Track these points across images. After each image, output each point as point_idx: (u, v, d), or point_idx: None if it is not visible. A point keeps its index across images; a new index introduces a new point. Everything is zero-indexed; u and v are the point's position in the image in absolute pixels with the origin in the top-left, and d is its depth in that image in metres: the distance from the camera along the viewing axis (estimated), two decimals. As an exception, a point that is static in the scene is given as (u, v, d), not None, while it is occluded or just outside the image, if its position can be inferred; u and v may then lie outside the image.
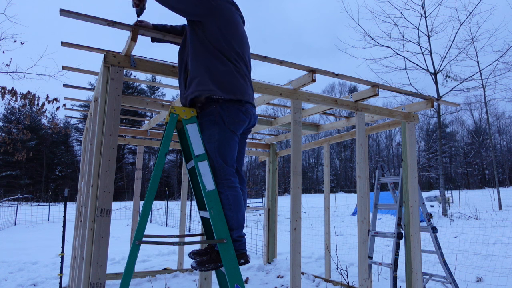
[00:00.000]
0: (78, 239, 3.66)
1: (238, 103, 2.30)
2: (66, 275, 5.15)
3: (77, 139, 47.82)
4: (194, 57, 2.33)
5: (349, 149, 54.64)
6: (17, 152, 10.02)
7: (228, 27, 2.36)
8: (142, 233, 2.01)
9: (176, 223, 15.08)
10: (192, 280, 5.53)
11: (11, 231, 13.87)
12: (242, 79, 2.35)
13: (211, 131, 2.25)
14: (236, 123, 2.29)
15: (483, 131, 44.48)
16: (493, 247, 7.38)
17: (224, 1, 2.42)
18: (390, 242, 8.32)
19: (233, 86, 2.29)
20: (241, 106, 2.31)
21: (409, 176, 4.25)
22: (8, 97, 8.33)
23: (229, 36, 2.35)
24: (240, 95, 2.30)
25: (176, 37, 2.65)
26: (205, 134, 2.27)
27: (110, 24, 2.39)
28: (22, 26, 10.25)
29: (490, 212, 14.41)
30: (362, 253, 3.66)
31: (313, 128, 5.70)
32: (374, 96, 3.72)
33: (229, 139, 2.27)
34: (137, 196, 6.18)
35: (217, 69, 2.28)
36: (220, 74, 2.28)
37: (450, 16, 20.82)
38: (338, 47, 35.88)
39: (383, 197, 7.04)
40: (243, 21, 2.60)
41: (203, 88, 2.26)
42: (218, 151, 2.23)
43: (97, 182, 2.47)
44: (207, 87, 2.25)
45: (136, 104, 4.30)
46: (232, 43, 2.35)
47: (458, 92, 16.45)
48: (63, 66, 3.41)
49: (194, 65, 2.32)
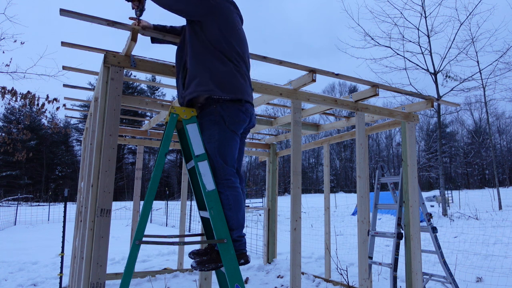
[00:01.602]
0: (78, 239, 3.66)
1: (238, 102, 2.30)
2: (66, 275, 5.15)
3: (77, 139, 47.82)
4: (194, 57, 2.33)
5: (349, 149, 54.63)
6: (17, 152, 10.02)
7: (228, 26, 2.36)
8: (142, 233, 2.01)
9: (176, 223, 15.08)
10: (192, 280, 5.53)
11: (11, 231, 13.87)
12: (242, 78, 2.35)
13: (211, 131, 2.25)
14: (236, 122, 2.29)
15: (483, 131, 44.48)
16: (493, 247, 7.38)
17: (223, 0, 2.41)
18: (390, 242, 8.32)
19: (233, 86, 2.29)
20: (241, 105, 2.31)
21: (409, 176, 4.25)
22: (8, 97, 8.33)
23: (229, 35, 2.34)
24: (240, 94, 2.30)
25: (176, 37, 2.64)
26: (205, 134, 2.27)
27: (110, 24, 2.39)
28: (22, 26, 10.26)
29: (490, 212, 14.41)
30: (362, 253, 3.66)
31: (313, 128, 5.70)
32: (374, 96, 3.72)
33: (230, 139, 2.27)
34: (137, 196, 6.18)
35: (218, 70, 2.28)
36: (221, 74, 2.27)
37: (450, 16, 20.83)
38: (338, 47, 35.87)
39: (383, 197, 7.04)
40: (241, 20, 2.59)
41: (203, 88, 2.25)
42: (218, 151, 2.23)
43: (97, 182, 2.47)
44: (207, 87, 2.25)
45: (136, 104, 4.30)
46: (232, 43, 2.34)
47: (458, 92, 16.47)
48: (63, 66, 3.41)
49: (194, 65, 2.32)
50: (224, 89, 2.25)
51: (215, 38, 2.31)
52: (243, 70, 2.39)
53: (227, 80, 2.28)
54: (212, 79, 2.25)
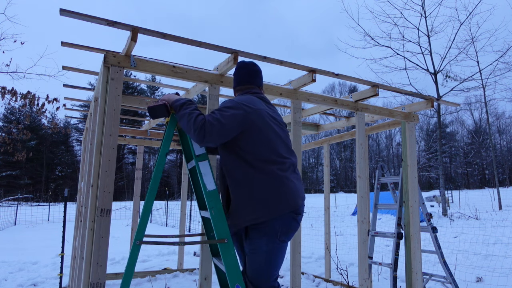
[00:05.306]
0: (78, 239, 3.66)
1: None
2: (66, 275, 5.15)
3: (77, 139, 47.80)
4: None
5: (349, 149, 54.62)
6: (17, 152, 10.00)
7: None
8: (142, 233, 2.01)
9: (176, 223, 15.07)
10: (192, 280, 5.53)
11: (11, 231, 13.86)
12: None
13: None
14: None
15: (483, 131, 44.47)
16: (493, 247, 7.38)
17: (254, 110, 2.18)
18: (390, 242, 8.32)
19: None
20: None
21: (409, 176, 4.25)
22: (8, 97, 8.32)
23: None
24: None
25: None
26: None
27: (110, 24, 2.39)
28: (22, 26, 10.26)
29: (490, 212, 14.41)
30: (362, 253, 3.66)
31: (313, 128, 5.70)
32: (374, 96, 3.72)
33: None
34: (137, 196, 6.18)
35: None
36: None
37: (450, 16, 20.86)
38: (338, 47, 35.92)
39: (383, 197, 7.04)
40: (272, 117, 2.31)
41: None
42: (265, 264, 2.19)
43: (97, 182, 2.46)
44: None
45: (136, 104, 4.29)
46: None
47: (458, 92, 16.48)
48: (63, 66, 3.40)
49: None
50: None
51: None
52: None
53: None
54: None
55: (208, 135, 1.98)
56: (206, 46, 2.79)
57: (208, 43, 2.77)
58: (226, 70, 2.97)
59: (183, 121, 2.07)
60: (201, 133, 1.97)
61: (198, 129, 1.97)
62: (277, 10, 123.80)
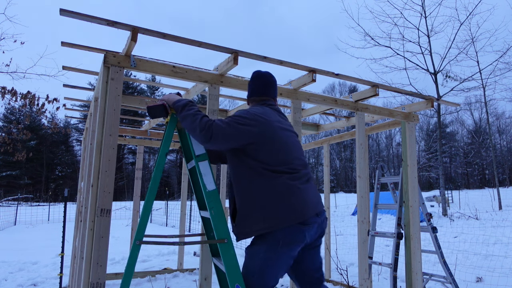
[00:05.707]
0: (78, 239, 3.66)
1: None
2: (66, 275, 5.15)
3: (77, 139, 47.79)
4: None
5: (349, 149, 54.60)
6: (17, 152, 10.00)
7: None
8: (142, 233, 2.01)
9: (176, 223, 15.07)
10: (192, 280, 5.53)
11: (11, 231, 13.86)
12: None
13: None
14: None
15: (483, 131, 44.46)
16: (493, 247, 7.38)
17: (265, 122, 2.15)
18: (390, 242, 8.32)
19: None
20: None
21: (409, 176, 4.25)
22: (8, 97, 8.32)
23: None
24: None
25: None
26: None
27: (110, 24, 2.39)
28: (22, 26, 10.27)
29: (490, 212, 14.41)
30: (362, 253, 3.66)
31: (313, 128, 5.70)
32: (374, 96, 3.72)
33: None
34: (137, 196, 6.18)
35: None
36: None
37: (450, 16, 20.85)
38: (338, 47, 35.84)
39: (383, 197, 7.04)
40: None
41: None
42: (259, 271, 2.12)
43: (97, 182, 2.46)
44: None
45: (136, 104, 4.30)
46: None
47: (458, 92, 16.49)
48: (63, 66, 3.40)
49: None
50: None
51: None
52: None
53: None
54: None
55: (215, 137, 1.98)
56: (206, 46, 2.79)
57: (208, 43, 2.77)
58: (226, 70, 2.97)
59: (187, 122, 2.06)
60: (208, 133, 1.97)
61: (205, 130, 1.97)
62: (277, 10, 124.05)
